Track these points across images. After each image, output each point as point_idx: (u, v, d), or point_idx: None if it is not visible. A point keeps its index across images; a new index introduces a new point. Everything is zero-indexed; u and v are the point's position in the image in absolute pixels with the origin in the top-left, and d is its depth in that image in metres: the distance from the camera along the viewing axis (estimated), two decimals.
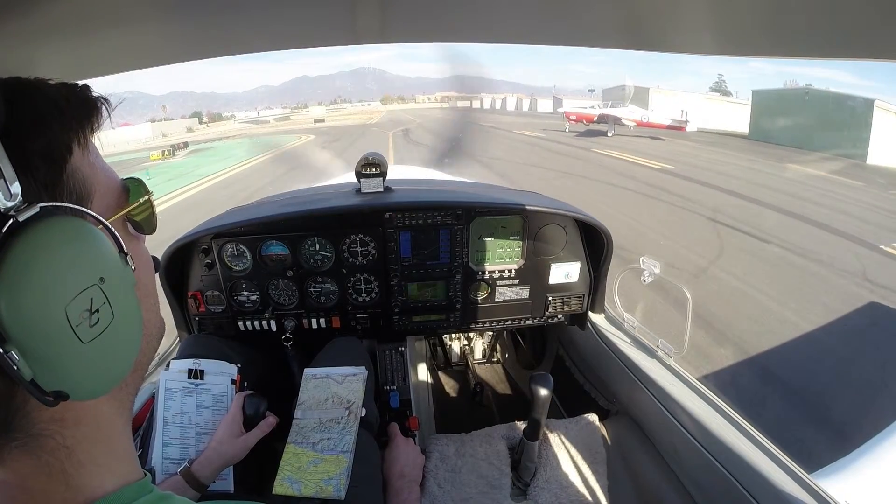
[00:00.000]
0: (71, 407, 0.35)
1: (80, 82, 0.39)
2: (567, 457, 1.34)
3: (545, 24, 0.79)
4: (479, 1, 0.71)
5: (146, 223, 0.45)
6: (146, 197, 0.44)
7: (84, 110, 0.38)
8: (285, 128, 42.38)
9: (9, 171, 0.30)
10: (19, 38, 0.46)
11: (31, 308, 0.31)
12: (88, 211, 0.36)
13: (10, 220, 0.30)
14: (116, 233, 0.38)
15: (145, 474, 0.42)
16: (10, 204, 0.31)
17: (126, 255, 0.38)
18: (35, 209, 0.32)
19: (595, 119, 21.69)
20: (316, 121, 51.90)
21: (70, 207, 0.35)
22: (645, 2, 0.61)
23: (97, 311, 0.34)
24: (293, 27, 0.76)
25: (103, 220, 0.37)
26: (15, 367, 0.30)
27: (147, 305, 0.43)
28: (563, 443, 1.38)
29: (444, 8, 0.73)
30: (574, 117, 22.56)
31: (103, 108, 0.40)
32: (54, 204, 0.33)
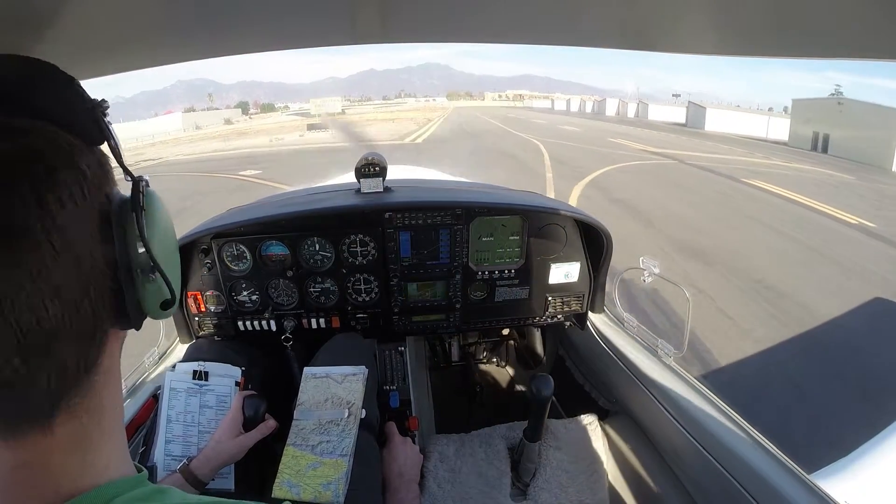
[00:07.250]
0: (96, 373, 0.37)
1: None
2: (567, 457, 1.34)
3: (546, 24, 0.79)
4: (480, 1, 0.70)
5: None
6: None
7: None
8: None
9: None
10: (18, 33, 0.46)
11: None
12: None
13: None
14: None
15: (142, 470, 0.43)
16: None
17: None
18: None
19: None
20: (310, 127, 30.45)
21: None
22: (646, 1, 0.60)
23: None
24: (292, 27, 0.76)
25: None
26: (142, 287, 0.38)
27: None
28: (563, 443, 1.38)
29: (445, 8, 0.73)
30: None
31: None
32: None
